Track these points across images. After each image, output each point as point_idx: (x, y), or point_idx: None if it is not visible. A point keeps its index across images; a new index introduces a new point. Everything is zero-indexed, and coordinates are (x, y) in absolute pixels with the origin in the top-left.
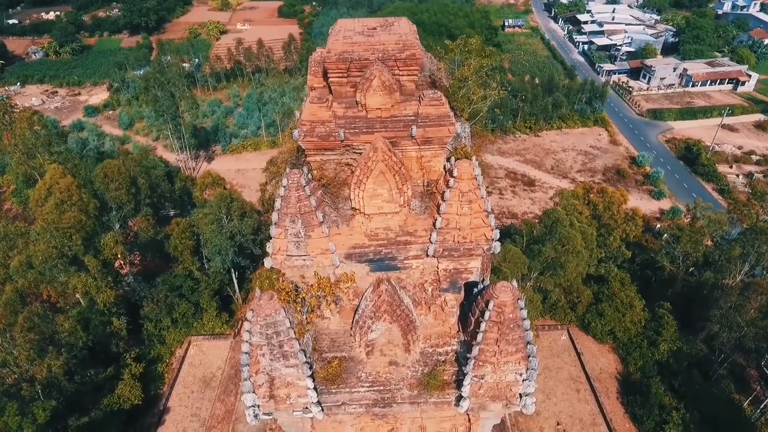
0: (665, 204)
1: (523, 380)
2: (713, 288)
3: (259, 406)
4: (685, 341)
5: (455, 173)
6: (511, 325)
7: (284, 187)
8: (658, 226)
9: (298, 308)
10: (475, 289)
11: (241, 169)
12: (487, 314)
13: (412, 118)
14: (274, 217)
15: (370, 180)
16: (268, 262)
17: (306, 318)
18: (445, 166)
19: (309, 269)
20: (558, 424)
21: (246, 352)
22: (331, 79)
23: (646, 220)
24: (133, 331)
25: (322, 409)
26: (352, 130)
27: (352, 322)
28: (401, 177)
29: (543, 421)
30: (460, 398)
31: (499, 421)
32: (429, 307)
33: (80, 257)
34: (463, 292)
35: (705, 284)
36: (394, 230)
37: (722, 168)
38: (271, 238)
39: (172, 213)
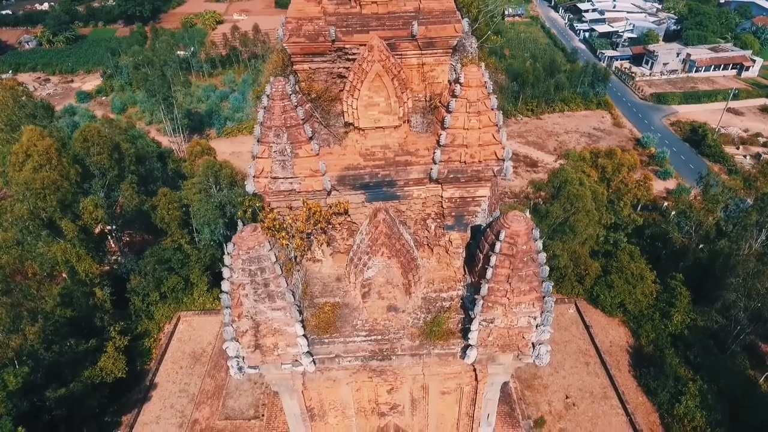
0: (671, 184)
1: (536, 326)
2: (728, 257)
3: (243, 357)
4: (700, 312)
5: (462, 80)
6: (525, 259)
7: (267, 96)
8: (665, 204)
9: (285, 241)
10: (483, 225)
11: (236, 152)
12: (497, 246)
13: (413, 14)
14: (256, 131)
15: (365, 85)
16: (250, 187)
17: (294, 254)
18: (450, 80)
19: (297, 196)
20: (567, 397)
21: (226, 292)
22: None
23: (653, 199)
24: (119, 306)
25: (314, 362)
26: (344, 29)
27: (347, 262)
28: (400, 83)
29: (551, 395)
30: (466, 349)
31: (509, 378)
32: (432, 249)
33: (57, 222)
34: (469, 232)
35: (719, 254)
36: (392, 149)
37: (729, 149)
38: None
39: None
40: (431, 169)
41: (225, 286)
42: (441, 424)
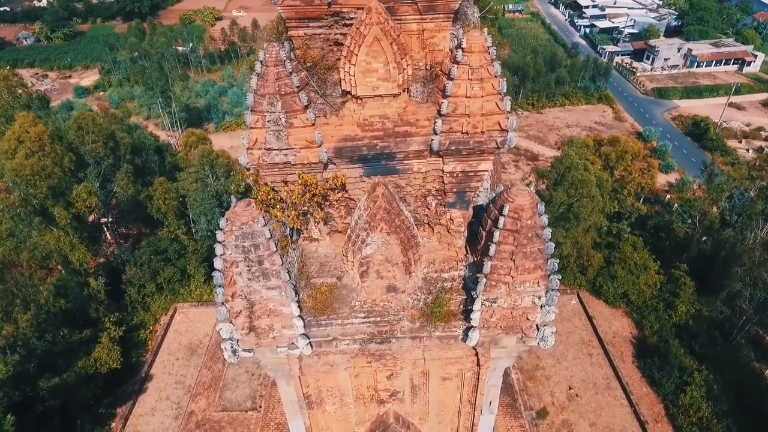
0: (673, 178)
1: (541, 306)
2: (733, 247)
3: (237, 340)
4: (705, 303)
5: (464, 45)
6: (530, 235)
7: (260, 62)
8: (668, 197)
9: (280, 214)
10: (486, 203)
11: (235, 146)
12: (501, 221)
13: None
14: (249, 99)
15: (362, 50)
16: (243, 159)
17: (290, 227)
18: (451, 48)
19: (292, 170)
20: (570, 388)
21: (219, 270)
22: None
23: (655, 191)
24: (115, 298)
25: (311, 345)
26: None
27: (345, 240)
28: (399, 47)
29: (554, 386)
30: (468, 331)
31: (512, 363)
32: (432, 228)
33: (49, 210)
34: (471, 210)
35: (724, 244)
36: (391, 119)
37: (731, 143)
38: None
39: None
40: (432, 140)
41: (217, 263)
42: (442, 412)
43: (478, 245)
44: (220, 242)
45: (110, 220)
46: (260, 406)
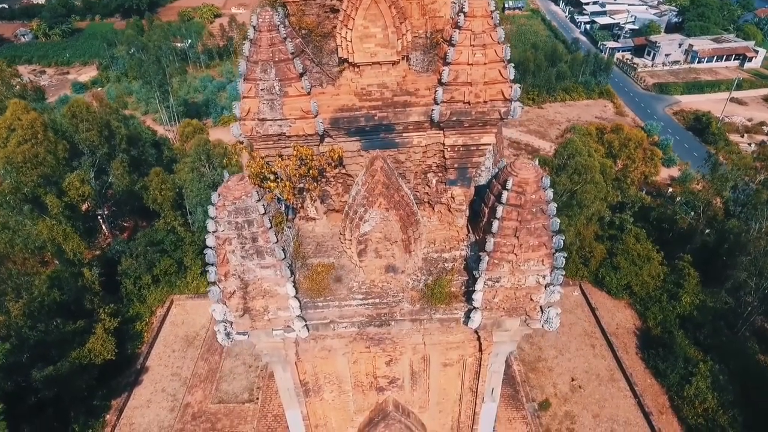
0: (675, 172)
1: (546, 285)
2: (738, 237)
3: (231, 323)
4: (709, 294)
5: (466, 9)
6: (534, 210)
7: (253, 27)
8: (670, 190)
9: (274, 185)
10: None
11: (233, 140)
12: (504, 196)
13: None
14: (242, 67)
15: (359, 13)
16: (235, 130)
17: (284, 201)
18: (451, 16)
19: (287, 142)
20: (573, 380)
21: (211, 248)
22: None
23: (657, 186)
24: (111, 290)
25: (307, 327)
26: None
27: (343, 217)
28: (398, 11)
29: (556, 378)
30: (469, 313)
31: (515, 348)
32: (433, 207)
33: (42, 198)
34: (473, 189)
35: (728, 234)
36: (390, 88)
37: (733, 138)
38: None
39: None
40: (432, 110)
41: (210, 240)
42: (443, 400)
43: (480, 224)
44: (212, 218)
45: (106, 212)
46: (257, 398)
